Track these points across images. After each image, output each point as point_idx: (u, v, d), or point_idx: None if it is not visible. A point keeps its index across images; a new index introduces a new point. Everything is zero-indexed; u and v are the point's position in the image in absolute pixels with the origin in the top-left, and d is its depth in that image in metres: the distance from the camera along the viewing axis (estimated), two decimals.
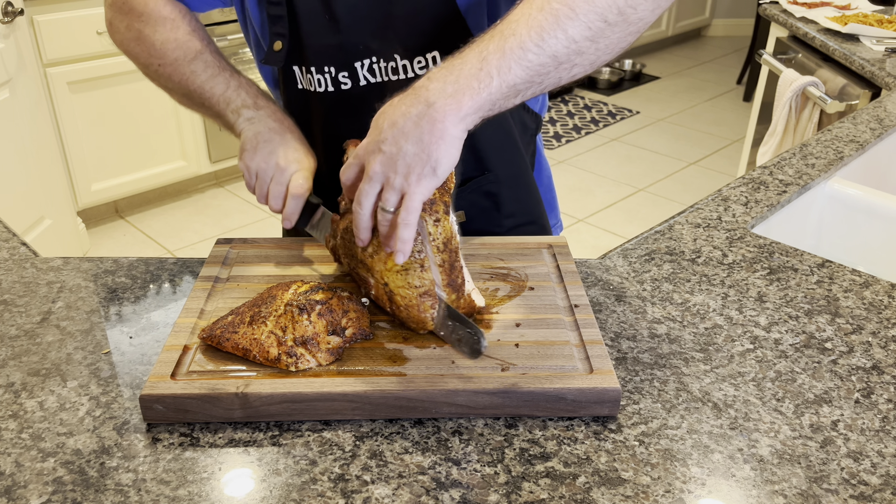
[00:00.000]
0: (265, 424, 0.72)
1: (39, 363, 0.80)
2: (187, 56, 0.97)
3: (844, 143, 1.43)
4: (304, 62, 0.99)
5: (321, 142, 1.04)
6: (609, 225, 3.36)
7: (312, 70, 0.98)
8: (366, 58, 0.97)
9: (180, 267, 1.00)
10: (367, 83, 0.98)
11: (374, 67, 0.97)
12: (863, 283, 0.98)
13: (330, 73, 0.98)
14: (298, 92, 1.02)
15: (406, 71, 0.97)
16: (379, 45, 0.96)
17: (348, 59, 0.97)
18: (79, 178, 3.03)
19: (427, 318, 0.79)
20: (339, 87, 0.98)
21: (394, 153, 0.71)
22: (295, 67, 1.00)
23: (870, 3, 2.62)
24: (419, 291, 0.78)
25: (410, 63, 0.97)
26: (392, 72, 0.97)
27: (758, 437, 0.72)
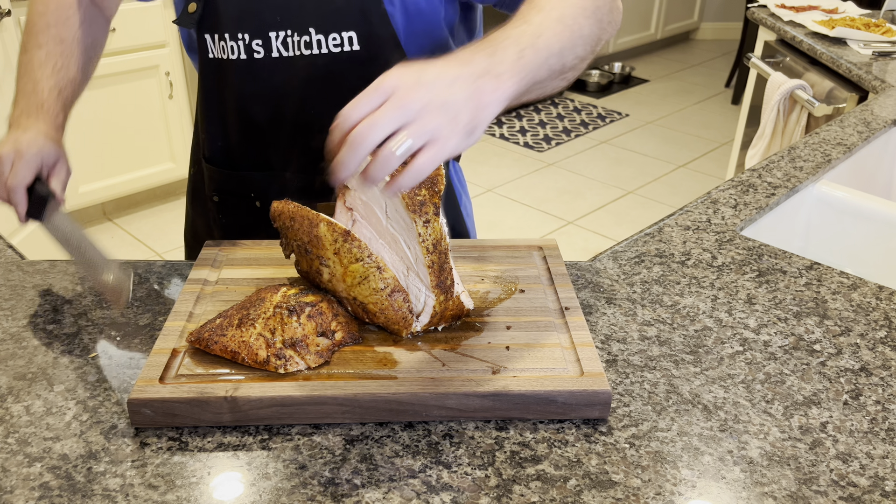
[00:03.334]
0: (254, 428, 0.72)
1: (26, 367, 0.80)
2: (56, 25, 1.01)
3: (832, 145, 1.44)
4: (218, 28, 0.99)
5: (233, 111, 1.05)
6: (599, 227, 3.37)
7: (226, 36, 0.99)
8: (280, 29, 0.97)
9: (168, 269, 0.99)
10: (279, 55, 0.99)
11: (288, 41, 0.97)
12: (851, 285, 0.98)
13: (244, 41, 0.98)
14: (210, 61, 1.03)
15: (320, 46, 0.97)
16: (293, 17, 0.97)
17: (263, 28, 0.97)
18: None
19: (406, 315, 0.79)
20: (252, 55, 0.99)
21: (444, 95, 0.64)
22: (207, 36, 1.01)
23: (857, 7, 2.64)
24: (386, 293, 0.78)
25: (325, 38, 0.97)
26: (305, 46, 0.97)
27: (747, 439, 0.72)
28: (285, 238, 0.85)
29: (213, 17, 0.99)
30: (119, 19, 3.15)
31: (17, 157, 0.93)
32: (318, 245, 0.80)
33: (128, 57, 2.99)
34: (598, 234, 3.32)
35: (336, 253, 0.79)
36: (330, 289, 0.83)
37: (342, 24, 0.97)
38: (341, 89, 0.97)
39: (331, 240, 0.78)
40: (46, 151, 0.95)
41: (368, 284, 0.78)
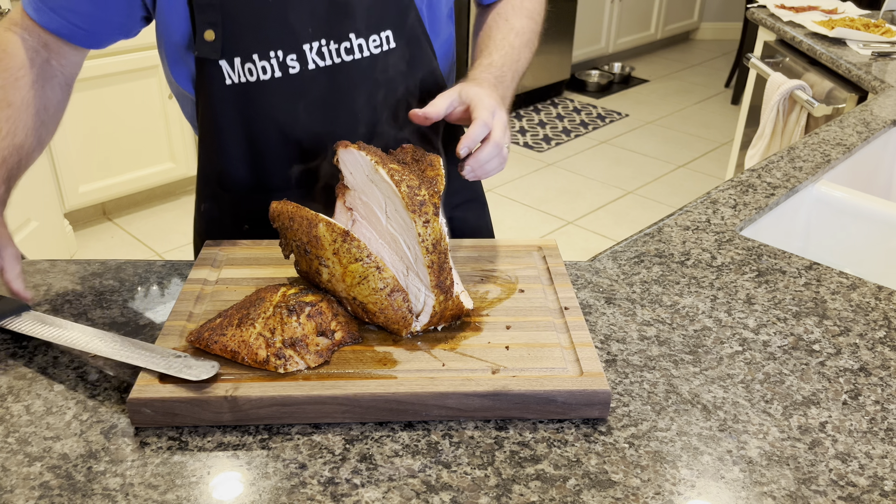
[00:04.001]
0: (254, 428, 0.72)
1: (26, 367, 0.80)
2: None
3: (831, 146, 1.44)
4: (243, 51, 0.95)
5: (265, 134, 1.00)
6: (598, 227, 3.37)
7: (254, 58, 0.95)
8: (315, 40, 0.95)
9: (168, 269, 0.99)
10: (315, 67, 0.97)
11: (324, 50, 0.96)
12: (850, 285, 0.98)
13: (277, 58, 0.95)
14: (227, 88, 0.97)
15: (362, 50, 0.97)
16: (331, 26, 0.95)
17: (297, 41, 0.95)
18: (66, 179, 3.01)
19: (406, 314, 0.79)
20: (287, 72, 0.96)
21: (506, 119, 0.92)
22: (223, 62, 0.96)
23: (856, 8, 2.64)
24: (385, 293, 0.79)
25: (366, 41, 0.97)
26: (346, 52, 0.96)
27: (747, 438, 0.72)
28: (284, 238, 0.86)
29: (236, 40, 0.94)
30: None
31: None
32: (318, 245, 0.80)
33: (127, 57, 2.99)
34: (598, 234, 3.32)
35: (335, 253, 0.79)
36: (329, 289, 0.83)
37: (380, 25, 0.97)
38: (383, 88, 1.00)
39: (330, 240, 0.78)
40: None
41: (368, 284, 0.78)
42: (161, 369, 0.72)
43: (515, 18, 1.08)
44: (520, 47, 1.06)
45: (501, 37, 1.05)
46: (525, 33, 1.08)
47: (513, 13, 1.09)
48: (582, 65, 5.13)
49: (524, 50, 1.07)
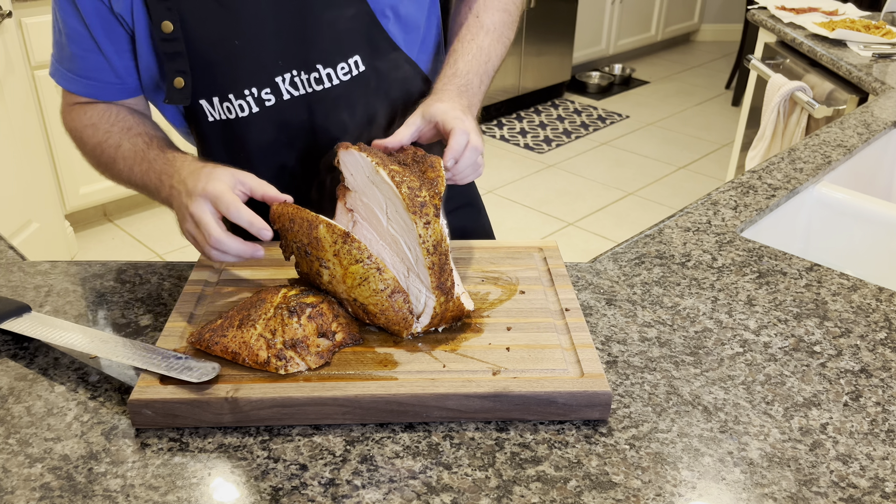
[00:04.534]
0: (255, 429, 0.72)
1: (27, 368, 0.80)
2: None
3: (832, 147, 1.44)
4: (218, 91, 0.96)
5: (253, 163, 1.01)
6: (599, 229, 3.37)
7: (230, 97, 0.96)
8: (286, 72, 0.95)
9: (169, 271, 0.99)
10: (290, 97, 0.97)
11: (296, 80, 0.96)
12: (851, 286, 0.98)
13: (252, 94, 0.96)
14: (210, 124, 0.99)
15: (331, 79, 0.97)
16: (298, 58, 0.95)
17: (269, 76, 0.95)
18: (67, 181, 3.01)
19: (407, 315, 0.79)
20: (264, 105, 0.97)
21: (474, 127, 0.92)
22: (202, 102, 0.97)
23: (857, 9, 2.65)
24: (386, 294, 0.78)
25: (334, 70, 0.96)
26: (316, 82, 0.96)
27: (748, 440, 0.72)
28: (285, 240, 0.86)
29: (208, 83, 0.95)
30: None
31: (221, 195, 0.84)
32: (318, 247, 0.80)
33: None
34: (599, 235, 3.32)
35: (336, 255, 0.79)
36: (330, 290, 0.83)
37: (346, 52, 0.96)
38: (356, 111, 0.99)
39: (330, 241, 0.78)
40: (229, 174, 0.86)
41: (368, 286, 0.78)
42: (162, 371, 0.73)
43: (486, 14, 1.07)
44: (489, 46, 1.05)
45: (470, 37, 1.04)
46: (496, 29, 1.07)
47: (484, 9, 1.07)
48: (582, 66, 5.13)
49: (495, 46, 1.06)
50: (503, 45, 1.08)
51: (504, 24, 1.09)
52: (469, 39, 1.04)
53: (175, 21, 0.90)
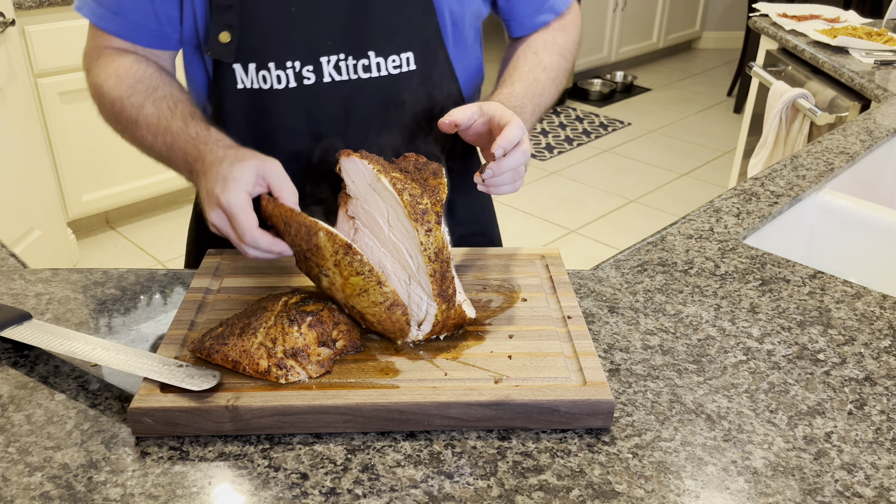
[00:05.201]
0: (256, 438, 0.71)
1: (26, 376, 0.79)
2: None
3: (835, 154, 1.43)
4: (259, 57, 0.94)
5: (273, 140, 0.99)
6: (601, 236, 3.37)
7: (270, 66, 0.93)
8: (333, 54, 0.94)
9: (171, 278, 0.99)
10: (331, 80, 0.95)
11: (341, 65, 0.94)
12: (854, 294, 0.98)
13: (293, 68, 0.94)
14: (238, 92, 0.97)
15: (380, 69, 0.96)
16: (351, 41, 0.94)
17: (314, 53, 0.94)
18: (69, 188, 3.01)
19: (404, 326, 0.79)
20: (302, 83, 0.95)
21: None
22: (237, 66, 0.95)
23: (858, 17, 2.65)
24: (385, 306, 0.78)
25: (385, 61, 0.95)
26: (364, 69, 0.95)
27: (751, 449, 0.72)
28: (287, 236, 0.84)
29: (252, 45, 0.93)
30: None
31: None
32: (318, 254, 0.79)
33: None
34: (601, 242, 3.32)
35: (336, 265, 0.78)
36: (328, 294, 0.83)
37: (402, 46, 0.96)
38: (398, 109, 0.98)
39: (331, 251, 0.78)
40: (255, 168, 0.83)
41: (368, 297, 0.78)
42: (163, 379, 0.72)
43: (545, 53, 1.06)
44: (545, 83, 1.03)
45: (528, 69, 1.03)
46: (553, 69, 1.05)
47: (543, 48, 1.06)
48: (584, 73, 5.14)
49: (549, 86, 1.04)
50: (556, 89, 1.06)
51: (560, 69, 1.07)
52: (527, 70, 1.03)
53: None
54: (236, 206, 0.79)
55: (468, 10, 1.02)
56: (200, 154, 0.86)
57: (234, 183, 0.80)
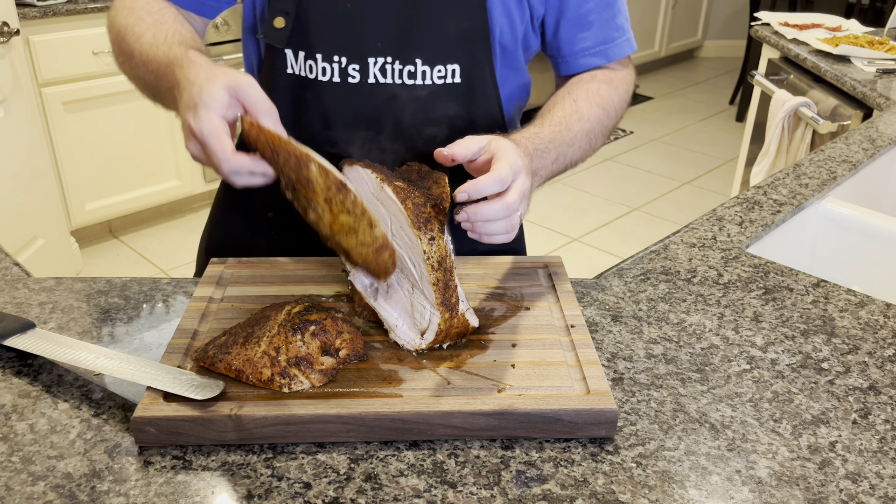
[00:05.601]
0: (259, 447, 0.71)
1: (30, 385, 0.79)
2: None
3: (837, 163, 1.43)
4: (308, 47, 0.95)
5: (314, 127, 0.99)
6: (604, 244, 3.37)
7: (318, 57, 0.94)
8: (381, 56, 0.94)
9: (174, 287, 0.99)
10: (375, 81, 0.95)
11: (387, 68, 0.95)
12: (858, 302, 0.98)
13: (339, 63, 0.94)
14: (287, 76, 0.98)
15: (425, 77, 0.95)
16: (400, 46, 0.94)
17: (362, 53, 0.94)
18: (73, 197, 3.02)
19: (389, 266, 0.77)
20: (346, 80, 0.95)
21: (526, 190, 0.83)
22: (288, 51, 0.96)
23: (860, 25, 2.65)
24: (373, 248, 0.76)
25: (431, 70, 0.95)
26: (409, 76, 0.95)
27: (756, 458, 0.71)
28: (272, 163, 0.77)
29: (304, 34, 0.94)
30: None
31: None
32: (308, 188, 0.73)
33: None
34: (603, 251, 3.32)
35: (327, 201, 0.73)
36: (313, 226, 0.78)
37: (449, 57, 0.96)
38: (436, 120, 0.98)
39: (322, 186, 0.73)
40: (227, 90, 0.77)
41: (356, 237, 0.75)
42: (166, 387, 0.72)
43: (585, 103, 1.00)
44: (578, 133, 0.97)
45: (562, 115, 0.98)
46: (589, 122, 0.99)
47: (584, 97, 1.01)
48: None
49: (581, 138, 0.98)
50: (589, 144, 1.00)
51: (598, 122, 1.01)
52: (561, 116, 0.97)
53: None
54: (209, 134, 0.74)
55: (519, 35, 1.00)
56: (177, 80, 0.81)
57: (204, 109, 0.74)
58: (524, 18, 1.00)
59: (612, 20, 1.05)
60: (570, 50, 1.05)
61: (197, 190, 3.41)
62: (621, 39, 1.06)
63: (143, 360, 0.78)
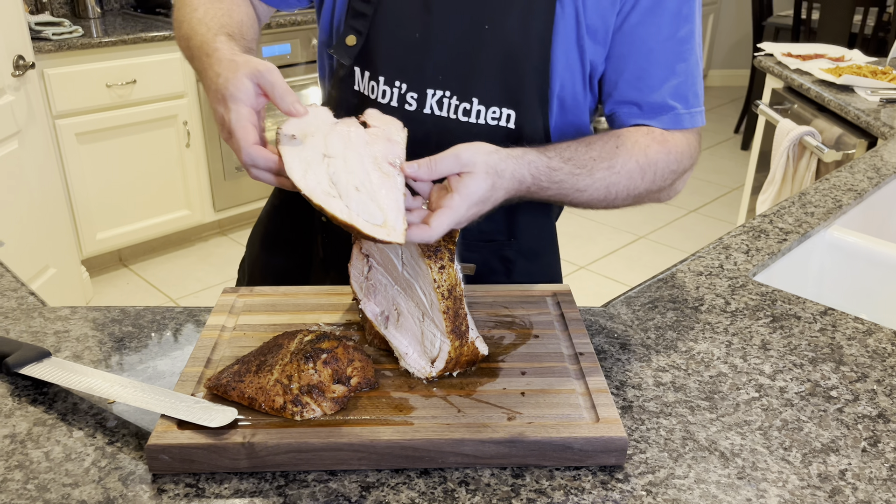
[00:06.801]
0: (271, 474, 0.72)
1: (45, 413, 0.80)
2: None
3: (842, 191, 1.45)
4: (373, 68, 0.97)
5: None
6: (611, 272, 3.37)
7: (380, 79, 0.97)
8: (440, 89, 0.96)
9: (186, 316, 1.00)
10: (430, 112, 0.97)
11: (444, 101, 0.96)
12: (865, 330, 0.98)
13: (399, 89, 0.96)
14: (353, 92, 1.01)
15: (479, 116, 0.97)
16: (458, 82, 0.96)
17: (422, 83, 0.96)
18: (84, 227, 3.05)
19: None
20: (403, 107, 0.97)
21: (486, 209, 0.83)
22: (357, 68, 0.99)
23: (863, 55, 2.68)
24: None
25: (486, 110, 0.97)
26: (464, 113, 0.96)
27: (766, 486, 0.71)
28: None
29: (371, 56, 0.97)
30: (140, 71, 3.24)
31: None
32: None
33: (148, 107, 3.06)
34: (611, 279, 3.32)
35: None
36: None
37: (506, 102, 0.96)
38: None
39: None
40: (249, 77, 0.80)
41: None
42: (180, 415, 0.73)
43: (625, 156, 0.93)
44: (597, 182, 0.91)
45: (589, 157, 0.91)
46: (619, 175, 0.92)
47: (622, 150, 0.94)
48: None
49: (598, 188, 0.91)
50: (604, 197, 0.93)
51: (629, 180, 0.93)
52: (587, 160, 0.91)
53: None
54: (234, 123, 0.79)
55: (579, 91, 0.99)
56: (203, 67, 0.87)
57: (232, 100, 0.79)
58: (585, 76, 0.99)
59: (674, 86, 0.97)
60: (627, 112, 1.00)
61: (207, 219, 3.44)
62: (682, 111, 0.98)
63: (156, 388, 0.79)
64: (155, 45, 3.02)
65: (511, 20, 0.94)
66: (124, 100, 2.99)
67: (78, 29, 2.92)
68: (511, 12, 0.94)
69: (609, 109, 1.03)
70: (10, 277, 1.09)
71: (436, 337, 0.81)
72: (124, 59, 2.96)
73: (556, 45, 0.95)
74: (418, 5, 0.95)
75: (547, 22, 0.93)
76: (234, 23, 0.97)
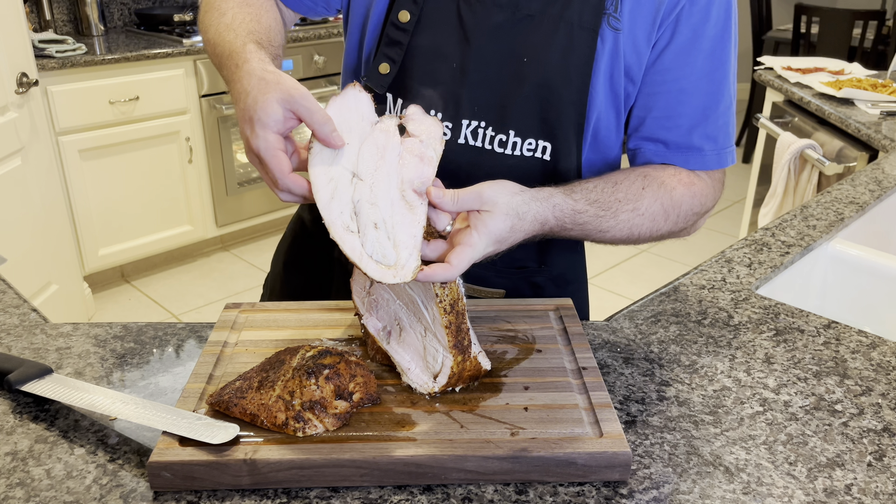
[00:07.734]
0: (273, 491, 0.72)
1: (47, 430, 0.80)
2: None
3: (844, 204, 1.45)
4: (408, 97, 0.96)
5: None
6: (613, 286, 3.37)
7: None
8: (475, 119, 0.95)
9: (188, 332, 1.00)
10: (464, 142, 0.96)
11: (479, 132, 0.95)
12: (869, 343, 0.98)
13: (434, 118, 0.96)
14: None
15: (515, 148, 0.95)
16: (497, 115, 0.94)
17: (458, 113, 0.95)
18: (86, 243, 3.06)
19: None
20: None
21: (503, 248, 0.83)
22: (389, 94, 0.97)
23: (863, 69, 2.69)
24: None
25: (521, 142, 0.95)
26: (499, 144, 0.95)
27: (771, 502, 0.71)
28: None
29: (405, 84, 0.95)
30: (143, 88, 3.26)
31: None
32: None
33: (150, 123, 3.08)
34: (613, 292, 3.31)
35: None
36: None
37: (543, 134, 0.95)
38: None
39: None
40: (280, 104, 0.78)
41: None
42: (181, 432, 0.73)
43: (650, 198, 0.93)
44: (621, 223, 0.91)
45: (615, 199, 0.91)
46: (643, 217, 0.93)
47: (648, 191, 0.94)
48: None
49: (621, 229, 0.92)
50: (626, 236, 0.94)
51: (652, 222, 0.94)
52: (613, 201, 0.91)
53: (414, 15, 0.91)
54: (265, 151, 0.76)
55: (613, 124, 0.99)
56: (233, 79, 0.84)
57: (260, 126, 0.76)
58: (619, 111, 0.98)
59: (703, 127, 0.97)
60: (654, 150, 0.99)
61: (209, 235, 3.44)
62: (709, 152, 0.99)
63: (158, 404, 0.78)
64: (158, 62, 3.04)
65: (552, 54, 0.92)
66: (127, 116, 3.01)
67: (81, 46, 2.94)
68: (551, 47, 0.92)
69: (634, 144, 1.02)
70: (13, 294, 1.09)
71: (438, 352, 0.81)
72: (127, 75, 2.97)
73: (596, 79, 0.94)
74: (456, 36, 0.93)
75: (587, 57, 0.92)
76: (263, 28, 0.94)
